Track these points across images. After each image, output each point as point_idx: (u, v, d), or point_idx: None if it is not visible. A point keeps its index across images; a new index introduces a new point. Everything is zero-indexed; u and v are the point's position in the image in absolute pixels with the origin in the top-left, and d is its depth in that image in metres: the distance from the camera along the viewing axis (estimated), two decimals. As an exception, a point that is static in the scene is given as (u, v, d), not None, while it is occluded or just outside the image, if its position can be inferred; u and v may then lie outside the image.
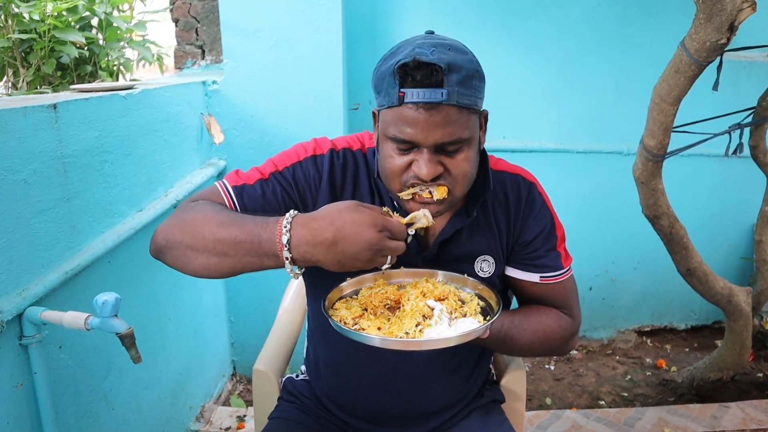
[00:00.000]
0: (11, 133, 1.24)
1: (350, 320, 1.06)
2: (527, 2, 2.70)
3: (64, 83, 2.22)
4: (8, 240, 1.23)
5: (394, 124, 1.04)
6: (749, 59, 2.91)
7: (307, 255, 0.96)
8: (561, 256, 1.27)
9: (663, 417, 2.49)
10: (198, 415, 2.37)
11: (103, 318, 1.19)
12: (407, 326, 1.03)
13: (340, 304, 1.13)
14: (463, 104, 1.02)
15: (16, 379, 1.27)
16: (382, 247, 0.95)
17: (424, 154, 1.04)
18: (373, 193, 1.22)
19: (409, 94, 1.00)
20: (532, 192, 1.25)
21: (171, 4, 2.74)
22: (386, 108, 1.05)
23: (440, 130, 1.01)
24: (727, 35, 1.70)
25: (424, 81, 0.99)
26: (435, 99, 0.99)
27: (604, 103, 2.86)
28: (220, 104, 2.42)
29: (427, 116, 1.00)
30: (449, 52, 1.01)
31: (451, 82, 0.99)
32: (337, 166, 1.21)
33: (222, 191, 1.17)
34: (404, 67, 1.00)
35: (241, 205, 1.16)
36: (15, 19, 2.04)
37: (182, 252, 1.05)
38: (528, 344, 1.23)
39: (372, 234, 0.94)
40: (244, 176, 1.20)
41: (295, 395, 1.41)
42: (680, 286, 2.57)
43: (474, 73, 1.03)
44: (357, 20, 2.63)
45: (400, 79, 1.00)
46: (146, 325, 1.88)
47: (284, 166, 1.21)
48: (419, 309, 1.08)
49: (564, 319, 1.28)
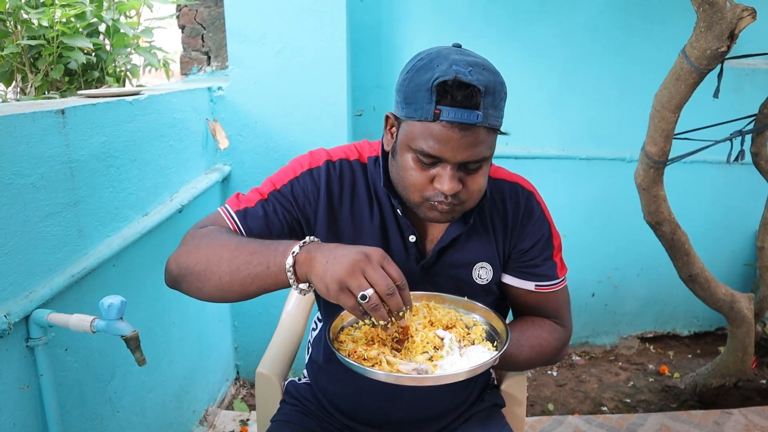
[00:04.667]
0: (20, 138, 1.26)
1: (360, 351, 1.04)
2: (531, 9, 2.72)
3: (71, 89, 2.24)
4: (16, 243, 1.25)
5: (423, 138, 1.03)
6: (751, 67, 2.92)
7: (305, 264, 0.97)
8: (557, 266, 1.28)
9: (665, 423, 2.49)
10: (201, 419, 2.38)
11: (109, 321, 1.20)
12: (419, 359, 1.03)
13: (345, 335, 1.11)
14: (493, 126, 1.04)
15: (23, 381, 1.28)
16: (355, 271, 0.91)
17: (448, 170, 1.05)
18: (372, 203, 1.23)
19: (445, 112, 1.00)
20: (531, 201, 1.26)
21: (177, 11, 2.77)
22: (416, 120, 1.04)
23: (470, 150, 1.03)
24: (728, 43, 1.71)
25: (462, 102, 0.99)
26: (471, 121, 1.00)
27: (606, 109, 2.87)
28: (225, 110, 2.44)
29: (460, 136, 1.01)
30: (485, 73, 1.02)
31: (486, 105, 1.01)
32: (333, 177, 1.22)
33: (226, 217, 1.19)
34: (443, 84, 0.99)
35: (246, 228, 1.17)
36: (24, 26, 2.07)
37: (196, 277, 1.08)
38: (526, 360, 1.23)
39: (355, 257, 0.92)
40: (245, 200, 1.20)
41: (298, 398, 1.42)
42: (683, 293, 2.57)
43: (504, 95, 1.06)
44: (361, 27, 2.65)
45: (438, 96, 1.00)
46: (151, 329, 1.89)
47: (282, 184, 1.21)
48: (430, 340, 1.07)
49: (557, 330, 1.29)
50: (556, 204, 1.32)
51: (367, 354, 1.02)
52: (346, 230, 1.22)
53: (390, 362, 1.01)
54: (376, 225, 1.22)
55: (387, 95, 2.77)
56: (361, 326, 1.13)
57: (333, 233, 1.22)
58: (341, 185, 1.22)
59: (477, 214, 1.23)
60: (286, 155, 2.46)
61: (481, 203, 1.20)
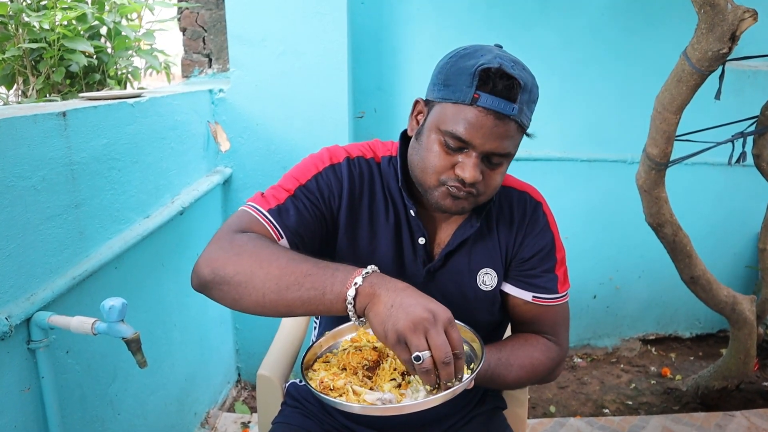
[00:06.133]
0: (22, 140, 1.26)
1: (329, 381, 1.00)
2: (532, 12, 2.72)
3: (72, 91, 2.24)
4: (18, 245, 1.25)
5: (456, 120, 1.04)
6: (753, 68, 2.92)
7: (365, 300, 0.92)
8: (558, 280, 1.25)
9: (667, 425, 2.49)
10: (203, 422, 2.38)
11: (110, 323, 1.20)
12: (386, 387, 1.01)
13: (320, 363, 1.09)
14: (523, 123, 1.06)
15: (24, 383, 1.28)
16: (415, 330, 0.87)
17: (473, 158, 1.05)
18: (387, 204, 1.22)
19: (484, 98, 1.01)
20: (537, 211, 1.25)
21: (179, 14, 2.77)
22: (452, 103, 1.05)
23: (498, 141, 1.04)
24: (729, 45, 1.71)
25: (503, 91, 1.01)
26: (507, 111, 1.02)
27: (608, 111, 2.87)
28: (226, 112, 2.45)
29: (493, 124, 1.03)
30: (525, 71, 1.06)
31: (523, 100, 1.03)
32: (355, 173, 1.20)
33: (260, 218, 1.12)
34: (487, 71, 1.01)
35: (283, 227, 1.11)
36: (25, 29, 2.07)
37: (234, 288, 0.99)
38: (515, 379, 1.20)
39: (420, 312, 0.88)
40: (272, 198, 1.15)
41: (299, 400, 1.41)
42: (685, 295, 2.57)
43: (536, 98, 1.08)
44: (362, 30, 2.66)
45: (480, 82, 1.01)
46: (152, 332, 1.89)
47: (306, 179, 1.18)
48: (398, 366, 1.05)
49: (552, 349, 1.26)
50: (557, 206, 1.31)
51: (333, 384, 1.00)
52: (363, 229, 1.21)
53: (356, 392, 0.99)
54: (391, 225, 1.21)
55: (388, 97, 2.77)
56: (337, 353, 1.11)
57: (351, 231, 1.20)
58: (361, 183, 1.21)
59: (484, 218, 1.23)
60: (287, 157, 2.47)
61: (488, 205, 1.20)
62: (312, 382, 1.01)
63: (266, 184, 1.25)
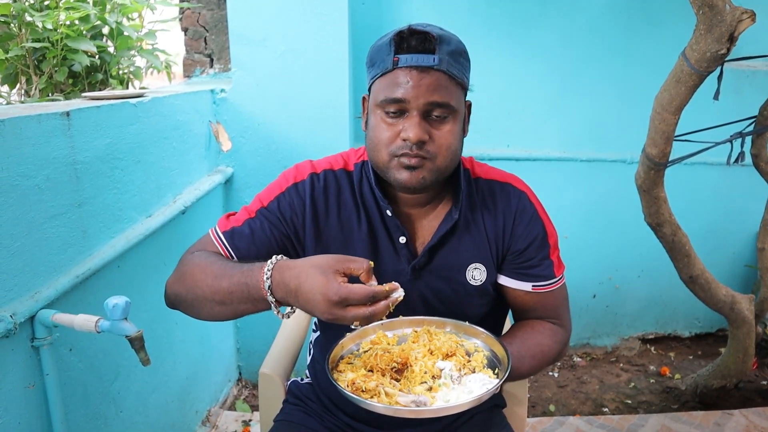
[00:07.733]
0: (26, 140, 1.27)
1: (360, 383, 1.02)
2: (532, 12, 2.73)
3: (75, 91, 2.25)
4: (22, 244, 1.26)
5: (385, 89, 1.09)
6: (751, 68, 2.93)
7: (283, 299, 0.99)
8: (554, 265, 1.27)
9: (666, 424, 2.50)
10: (204, 420, 2.39)
11: (114, 321, 1.21)
12: (418, 390, 1.03)
13: (344, 364, 1.10)
14: (452, 74, 1.09)
15: (28, 380, 1.30)
16: (334, 316, 0.93)
17: (413, 117, 1.08)
18: (359, 210, 1.24)
19: (403, 59, 1.08)
20: (523, 200, 1.25)
21: (180, 14, 2.78)
22: (379, 76, 1.11)
23: (429, 93, 1.07)
24: (727, 46, 1.72)
25: (418, 47, 1.07)
26: (427, 63, 1.07)
27: (607, 111, 2.88)
28: (227, 112, 2.46)
29: (418, 78, 1.07)
30: (440, 30, 1.11)
31: (442, 51, 1.08)
32: (318, 190, 1.23)
33: (215, 239, 1.22)
34: (400, 34, 1.09)
35: (234, 248, 1.20)
36: (28, 28, 2.08)
37: (189, 304, 1.14)
38: (529, 369, 1.22)
39: (322, 304, 0.93)
40: (234, 219, 1.23)
41: (300, 398, 1.43)
42: (684, 294, 2.58)
43: (462, 51, 1.13)
44: (363, 30, 2.66)
45: (395, 47, 1.08)
46: (154, 330, 1.90)
47: (269, 200, 1.24)
48: (428, 369, 1.07)
49: (557, 332, 1.28)
50: (556, 205, 1.32)
51: (365, 385, 1.02)
52: (334, 240, 1.23)
53: (388, 393, 1.01)
54: (364, 231, 1.23)
55: (388, 97, 2.77)
56: (360, 354, 1.13)
57: (321, 245, 1.23)
58: (326, 196, 1.24)
59: (469, 212, 1.24)
60: (288, 157, 2.48)
61: (459, 190, 1.21)
62: (341, 383, 1.02)
63: (267, 184, 1.28)
